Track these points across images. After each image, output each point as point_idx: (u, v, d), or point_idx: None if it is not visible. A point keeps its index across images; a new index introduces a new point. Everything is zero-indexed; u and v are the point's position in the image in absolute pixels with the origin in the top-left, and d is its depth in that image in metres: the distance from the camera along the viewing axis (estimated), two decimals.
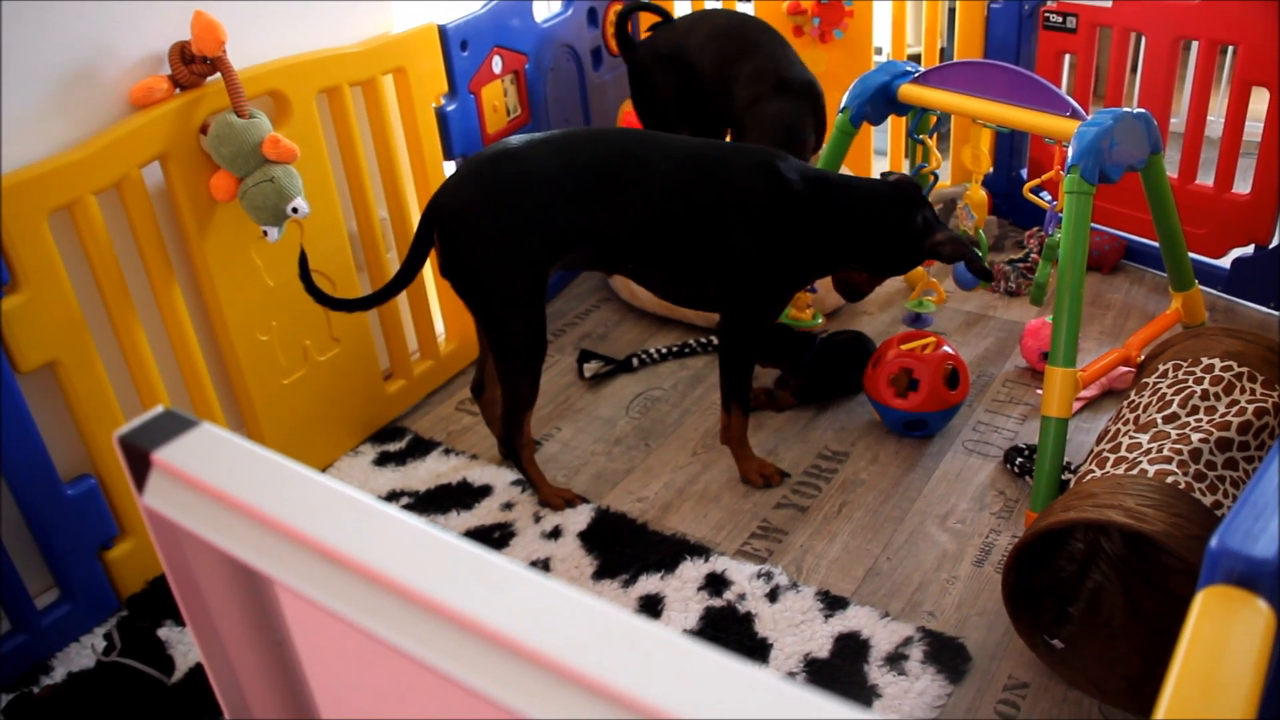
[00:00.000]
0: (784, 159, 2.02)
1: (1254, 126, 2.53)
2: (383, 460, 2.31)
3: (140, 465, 0.65)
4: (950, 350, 2.23)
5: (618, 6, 2.96)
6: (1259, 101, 2.48)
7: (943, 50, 3.40)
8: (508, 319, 1.98)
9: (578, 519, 2.08)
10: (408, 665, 0.54)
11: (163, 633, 1.84)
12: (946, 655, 1.72)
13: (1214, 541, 0.80)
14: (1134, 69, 2.89)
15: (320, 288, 1.96)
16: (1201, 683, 0.69)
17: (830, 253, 2.07)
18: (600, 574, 1.94)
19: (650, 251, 2.01)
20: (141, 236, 1.87)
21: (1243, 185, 2.60)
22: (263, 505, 0.58)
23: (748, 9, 3.04)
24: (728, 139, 2.62)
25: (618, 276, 2.72)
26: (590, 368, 2.58)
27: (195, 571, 0.67)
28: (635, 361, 2.59)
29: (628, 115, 3.06)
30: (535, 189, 1.91)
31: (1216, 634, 0.74)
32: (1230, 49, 2.56)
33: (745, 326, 2.08)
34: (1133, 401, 1.82)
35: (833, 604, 1.83)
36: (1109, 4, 2.67)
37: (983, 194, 2.32)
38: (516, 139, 1.97)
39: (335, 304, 1.99)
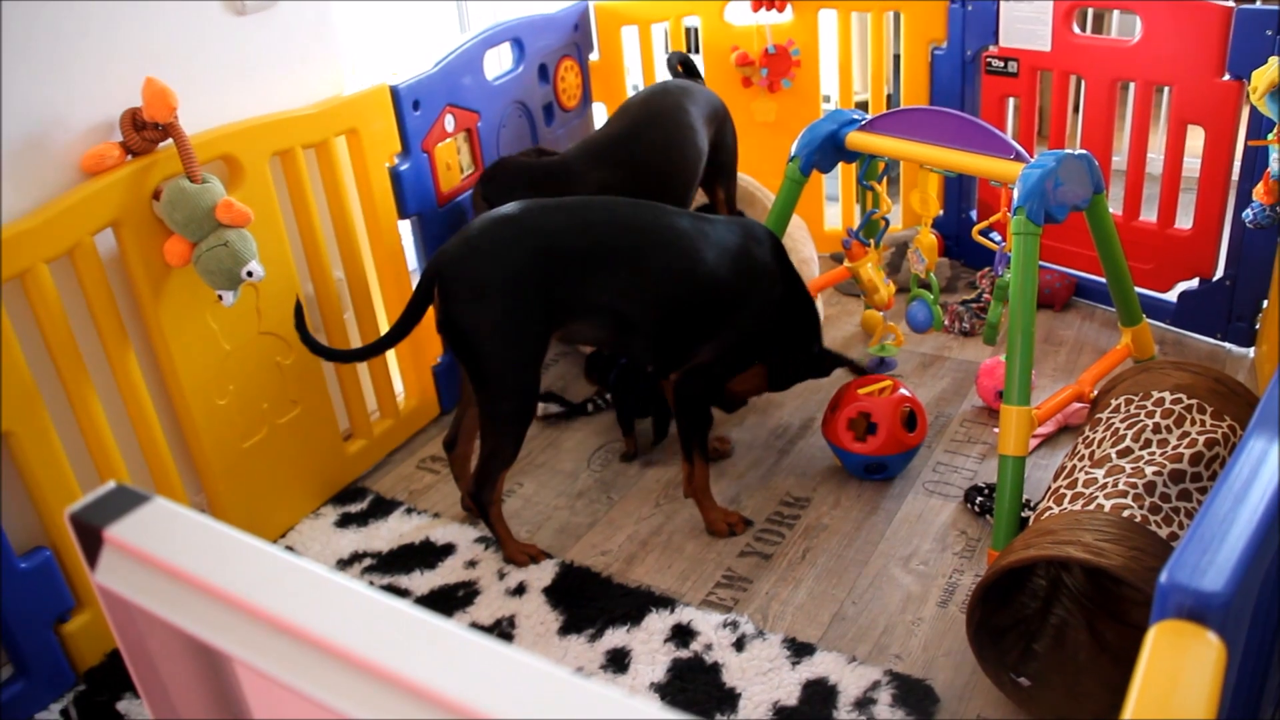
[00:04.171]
0: (762, 229, 2.12)
1: (1192, 163, 2.60)
2: (344, 522, 2.29)
3: (92, 542, 0.64)
4: (907, 393, 2.25)
5: (567, 62, 3.00)
6: (1195, 139, 2.55)
7: (889, 97, 3.46)
8: (501, 381, 1.97)
9: (542, 575, 2.07)
10: None
11: (122, 706, 1.81)
12: (915, 697, 1.72)
13: (1163, 577, 0.82)
14: (1076, 110, 2.95)
15: (314, 338, 2.00)
16: (1157, 717, 0.70)
17: (797, 319, 2.17)
18: (566, 629, 1.93)
19: (649, 321, 2.02)
20: (95, 304, 1.86)
21: (1185, 220, 2.67)
22: (217, 580, 0.58)
23: (699, 59, 3.09)
24: None
25: None
26: (545, 408, 2.59)
27: (151, 649, 0.66)
28: (590, 406, 2.60)
29: None
30: (537, 255, 1.92)
31: (1169, 669, 0.75)
32: (1166, 89, 2.64)
33: (708, 384, 2.11)
34: (1087, 437, 1.85)
35: (799, 651, 1.83)
36: (1048, 48, 2.74)
37: (932, 237, 2.36)
38: (521, 203, 1.99)
39: (331, 355, 2.05)
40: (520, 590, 2.04)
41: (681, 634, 1.89)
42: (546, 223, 1.95)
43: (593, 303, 1.98)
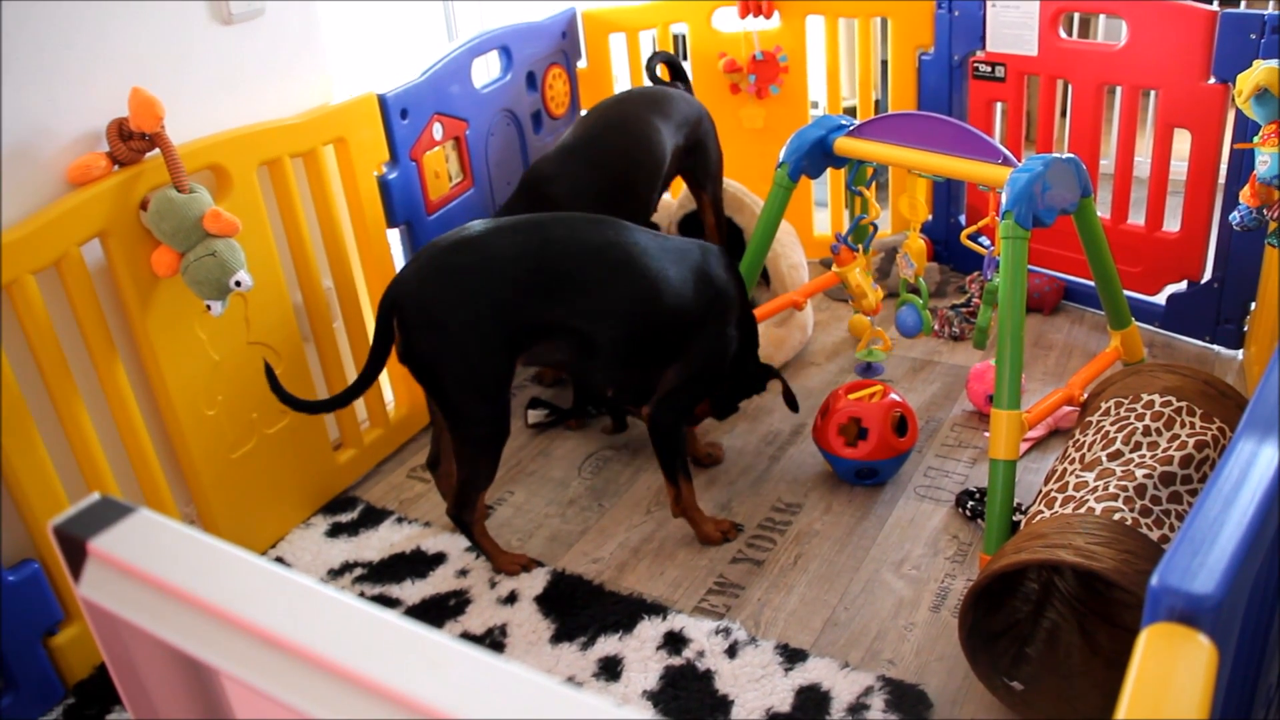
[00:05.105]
0: (719, 249, 2.12)
1: (1179, 166, 2.60)
2: (335, 531, 2.28)
3: (76, 554, 0.64)
4: (897, 397, 2.26)
5: (555, 70, 3.00)
6: (1182, 142, 2.55)
7: (877, 102, 3.47)
8: (469, 409, 1.94)
9: (533, 583, 2.06)
10: None
11: (111, 719, 1.80)
12: (908, 702, 1.72)
13: (1154, 579, 0.81)
14: (1063, 114, 2.96)
15: (286, 389, 1.97)
16: None
17: (748, 338, 2.18)
18: (558, 637, 1.92)
19: (610, 340, 1.97)
20: (82, 315, 1.85)
21: (1173, 223, 2.67)
22: (202, 592, 0.58)
23: (687, 66, 3.09)
24: None
25: None
26: (535, 415, 2.59)
27: (137, 662, 0.66)
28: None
29: None
30: (496, 278, 1.88)
31: (1161, 672, 0.75)
32: (1152, 93, 2.65)
33: (680, 411, 2.09)
34: (1078, 440, 1.85)
35: (792, 657, 1.82)
36: (1035, 53, 2.75)
37: (921, 242, 2.36)
38: (477, 225, 1.95)
39: (307, 407, 2.00)
40: (512, 599, 2.03)
41: (674, 641, 1.88)
42: (502, 245, 1.90)
43: (554, 324, 1.94)
